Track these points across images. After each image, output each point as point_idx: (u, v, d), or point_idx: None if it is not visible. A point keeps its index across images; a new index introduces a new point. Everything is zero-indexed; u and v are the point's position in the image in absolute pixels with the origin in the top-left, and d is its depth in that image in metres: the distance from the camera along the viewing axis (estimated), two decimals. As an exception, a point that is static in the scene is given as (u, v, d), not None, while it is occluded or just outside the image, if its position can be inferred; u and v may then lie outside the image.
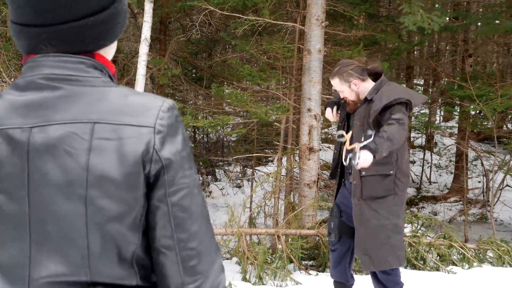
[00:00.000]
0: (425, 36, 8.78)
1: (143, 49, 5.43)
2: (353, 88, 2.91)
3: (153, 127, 0.82)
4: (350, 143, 2.79)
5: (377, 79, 2.97)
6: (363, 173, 2.83)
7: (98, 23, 0.86)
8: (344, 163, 2.80)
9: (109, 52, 0.93)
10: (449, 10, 10.47)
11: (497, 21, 7.50)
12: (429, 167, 12.08)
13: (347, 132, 2.94)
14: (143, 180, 0.82)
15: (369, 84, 2.94)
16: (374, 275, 3.02)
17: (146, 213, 0.85)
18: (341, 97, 3.01)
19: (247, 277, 4.68)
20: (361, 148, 2.56)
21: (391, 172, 2.84)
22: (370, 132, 2.67)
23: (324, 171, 9.96)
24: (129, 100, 0.83)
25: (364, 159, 2.52)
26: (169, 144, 0.83)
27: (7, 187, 0.80)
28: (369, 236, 2.87)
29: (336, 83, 2.92)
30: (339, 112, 3.11)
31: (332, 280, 3.27)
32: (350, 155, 2.64)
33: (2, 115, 0.82)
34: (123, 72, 9.15)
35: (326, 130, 11.74)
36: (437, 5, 9.59)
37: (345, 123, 3.05)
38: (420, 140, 14.40)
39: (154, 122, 0.82)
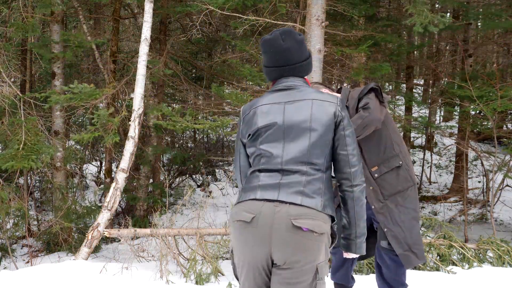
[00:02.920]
0: (426, 37, 8.79)
1: (143, 49, 5.42)
2: None
3: (336, 103, 2.02)
4: None
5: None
6: (376, 175, 2.88)
7: (306, 64, 2.13)
8: None
9: (306, 77, 2.18)
10: (448, 11, 10.47)
11: (497, 21, 7.50)
12: (429, 167, 12.08)
13: None
14: (333, 123, 1.99)
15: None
16: (381, 276, 3.02)
17: (333, 139, 2.00)
18: None
19: None
20: None
21: (401, 162, 2.90)
22: None
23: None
24: (325, 94, 2.04)
25: None
26: (344, 110, 2.02)
27: (274, 122, 2.00)
28: (408, 232, 2.86)
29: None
30: None
31: (333, 281, 3.27)
32: None
33: (268, 99, 2.07)
34: (123, 72, 9.15)
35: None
36: (437, 5, 9.60)
37: None
38: (420, 140, 14.40)
39: (336, 101, 2.03)
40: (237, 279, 2.04)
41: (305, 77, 2.16)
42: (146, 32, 5.41)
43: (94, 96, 5.42)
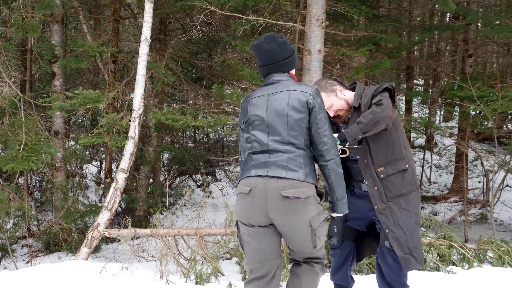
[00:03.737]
0: (425, 34, 8.78)
1: (143, 49, 5.43)
2: (340, 96, 2.98)
3: (310, 93, 2.49)
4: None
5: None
6: (382, 175, 2.88)
7: (291, 60, 2.62)
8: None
9: (293, 72, 2.67)
10: (448, 12, 10.46)
11: (497, 21, 7.49)
12: (429, 167, 12.08)
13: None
14: (307, 109, 2.46)
15: (352, 93, 3.03)
16: (382, 276, 3.01)
17: (309, 122, 2.47)
18: (332, 114, 3.01)
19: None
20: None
21: (407, 166, 2.90)
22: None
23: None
24: (302, 86, 2.52)
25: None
26: (316, 99, 2.49)
27: (259, 112, 2.50)
28: (410, 235, 2.87)
29: (324, 98, 2.93)
30: None
31: (332, 282, 3.27)
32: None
33: (258, 92, 2.58)
34: (123, 72, 9.14)
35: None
36: (436, 6, 9.60)
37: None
38: (420, 140, 14.40)
39: (310, 92, 2.49)
40: (243, 249, 2.58)
41: (291, 71, 2.65)
42: (146, 32, 5.41)
43: (99, 101, 5.42)
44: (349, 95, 3.00)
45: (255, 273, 2.55)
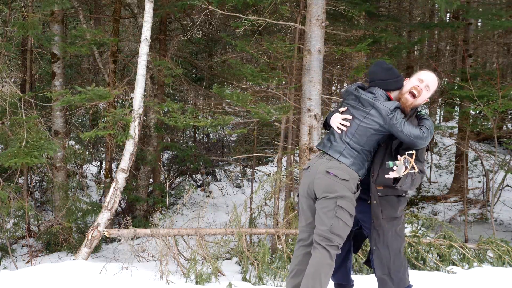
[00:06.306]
0: (424, 33, 8.78)
1: (143, 49, 5.42)
2: (425, 100, 2.98)
3: (389, 108, 2.85)
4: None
5: None
6: (379, 194, 2.90)
7: (386, 82, 3.04)
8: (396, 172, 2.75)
9: (393, 94, 3.04)
10: (448, 11, 10.46)
11: (497, 21, 7.49)
12: (429, 167, 12.08)
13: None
14: (384, 122, 2.86)
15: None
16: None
17: (389, 134, 2.90)
18: (417, 90, 2.95)
19: (247, 277, 4.68)
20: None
21: (404, 193, 2.96)
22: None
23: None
24: (386, 103, 2.92)
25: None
26: (392, 114, 2.84)
27: (346, 113, 3.06)
28: (394, 257, 2.91)
29: (435, 80, 2.96)
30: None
31: (333, 282, 3.27)
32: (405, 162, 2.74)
33: (359, 93, 3.05)
34: (123, 72, 9.14)
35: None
36: (437, 5, 9.58)
37: None
38: (420, 140, 14.35)
39: (390, 108, 2.86)
40: (298, 213, 3.10)
41: (392, 94, 3.00)
42: (146, 32, 5.41)
43: (106, 97, 5.42)
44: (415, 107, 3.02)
45: (299, 236, 3.05)
